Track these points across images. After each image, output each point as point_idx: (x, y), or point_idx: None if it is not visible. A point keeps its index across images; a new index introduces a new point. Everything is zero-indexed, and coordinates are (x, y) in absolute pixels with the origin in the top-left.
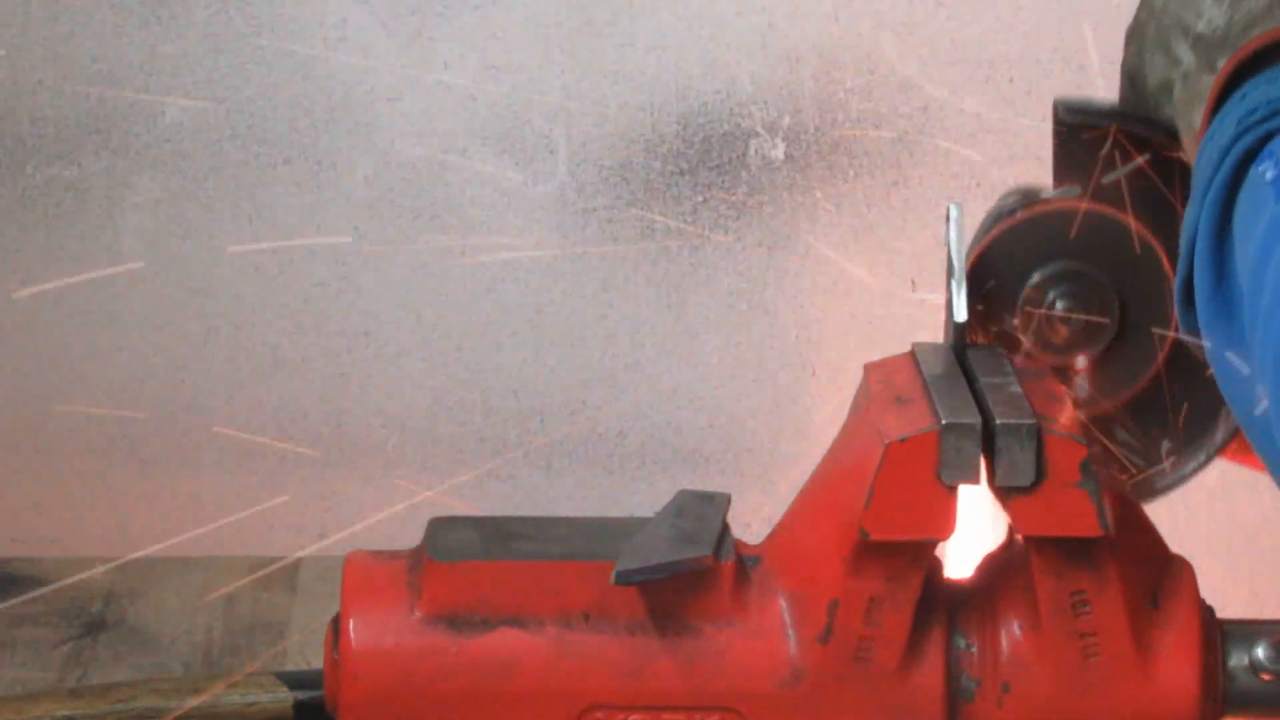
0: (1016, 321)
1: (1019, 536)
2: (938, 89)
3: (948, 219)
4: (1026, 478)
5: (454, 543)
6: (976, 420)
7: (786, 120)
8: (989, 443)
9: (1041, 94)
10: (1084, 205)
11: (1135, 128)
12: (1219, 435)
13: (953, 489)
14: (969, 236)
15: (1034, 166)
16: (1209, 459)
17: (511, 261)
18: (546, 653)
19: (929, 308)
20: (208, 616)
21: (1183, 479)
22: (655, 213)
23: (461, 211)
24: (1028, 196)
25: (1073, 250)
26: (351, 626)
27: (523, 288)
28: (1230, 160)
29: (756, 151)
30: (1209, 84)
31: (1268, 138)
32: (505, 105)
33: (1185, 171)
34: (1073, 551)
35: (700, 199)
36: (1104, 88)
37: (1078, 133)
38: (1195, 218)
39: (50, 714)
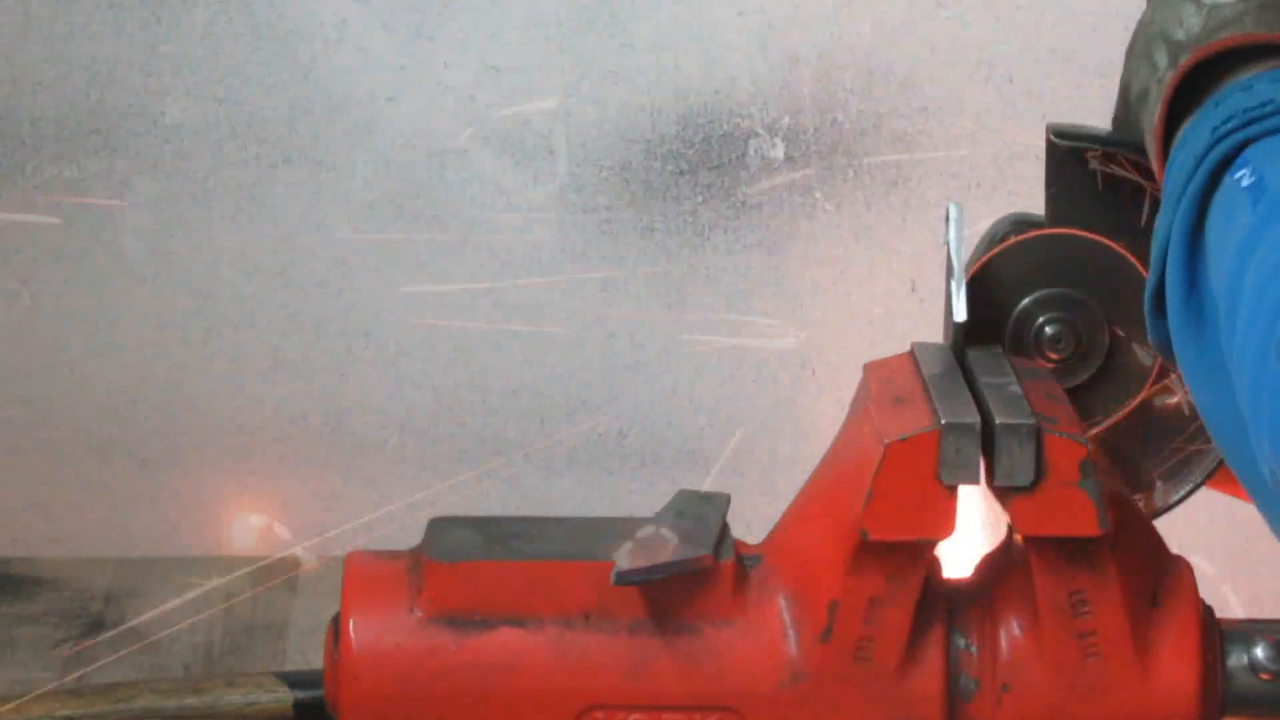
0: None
1: (1019, 536)
2: (938, 89)
3: (948, 219)
4: (1026, 477)
5: (454, 543)
6: (976, 420)
7: (786, 120)
8: (989, 443)
9: (1041, 94)
10: (1074, 231)
11: (1123, 152)
12: (1207, 462)
13: (952, 489)
14: (968, 250)
15: (1033, 166)
16: (1195, 488)
17: (512, 262)
18: (546, 653)
19: (929, 308)
20: (208, 616)
21: (1168, 508)
22: (655, 213)
23: (461, 211)
24: (1019, 224)
25: (1063, 276)
26: (351, 626)
27: (523, 288)
28: (1205, 167)
29: (756, 151)
30: (1169, 79)
31: (1243, 145)
32: (505, 105)
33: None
34: (1072, 551)
35: (700, 199)
36: (1103, 87)
37: (1069, 155)
38: (1168, 224)
39: (50, 714)
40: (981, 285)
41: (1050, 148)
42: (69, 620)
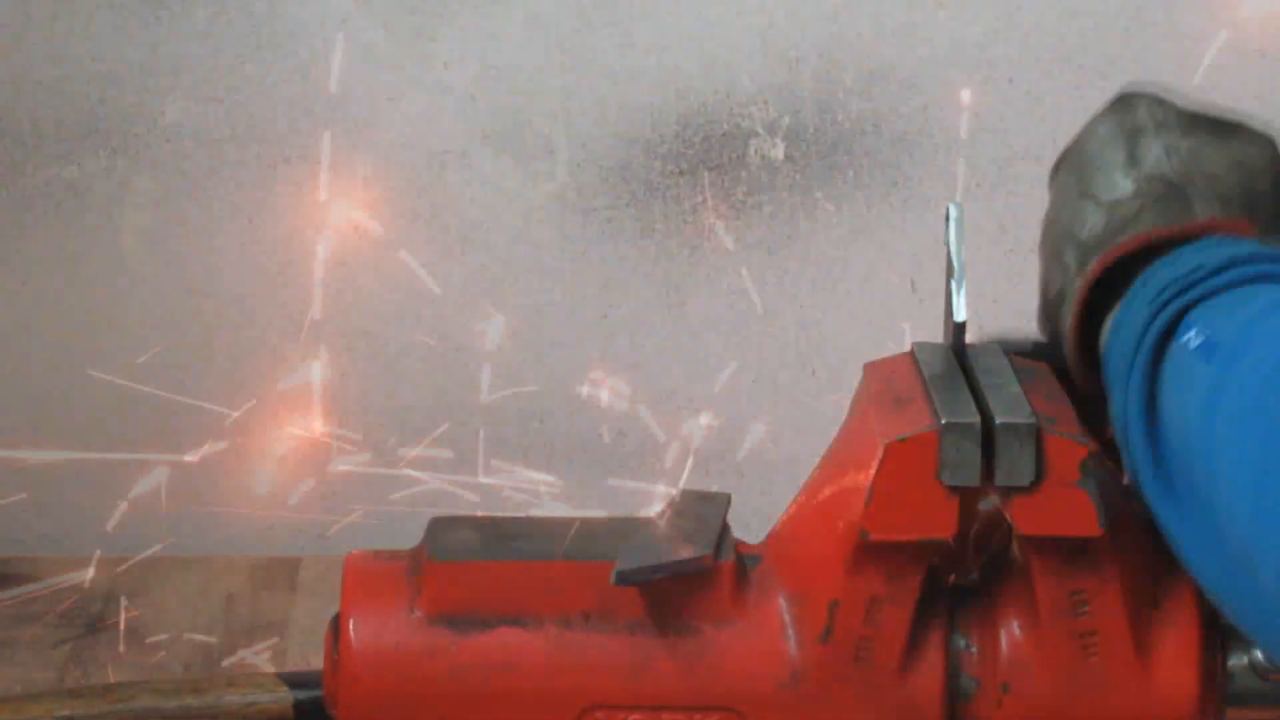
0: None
1: (1018, 536)
2: (938, 89)
3: (948, 219)
4: (1026, 477)
5: (454, 543)
6: (976, 420)
7: (786, 120)
8: (989, 443)
9: (1041, 94)
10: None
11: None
12: None
13: (953, 489)
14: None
15: (1033, 166)
16: None
17: (511, 261)
18: (546, 653)
19: (929, 308)
20: (208, 616)
21: None
22: (655, 213)
23: (461, 211)
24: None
25: None
26: (351, 626)
27: (523, 288)
28: (1149, 341)
29: (756, 151)
30: (1081, 284)
31: (1183, 312)
32: (505, 105)
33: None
34: (1072, 551)
35: (700, 199)
36: (1103, 88)
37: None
38: (1122, 406)
39: (50, 714)
40: None
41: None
42: (69, 620)
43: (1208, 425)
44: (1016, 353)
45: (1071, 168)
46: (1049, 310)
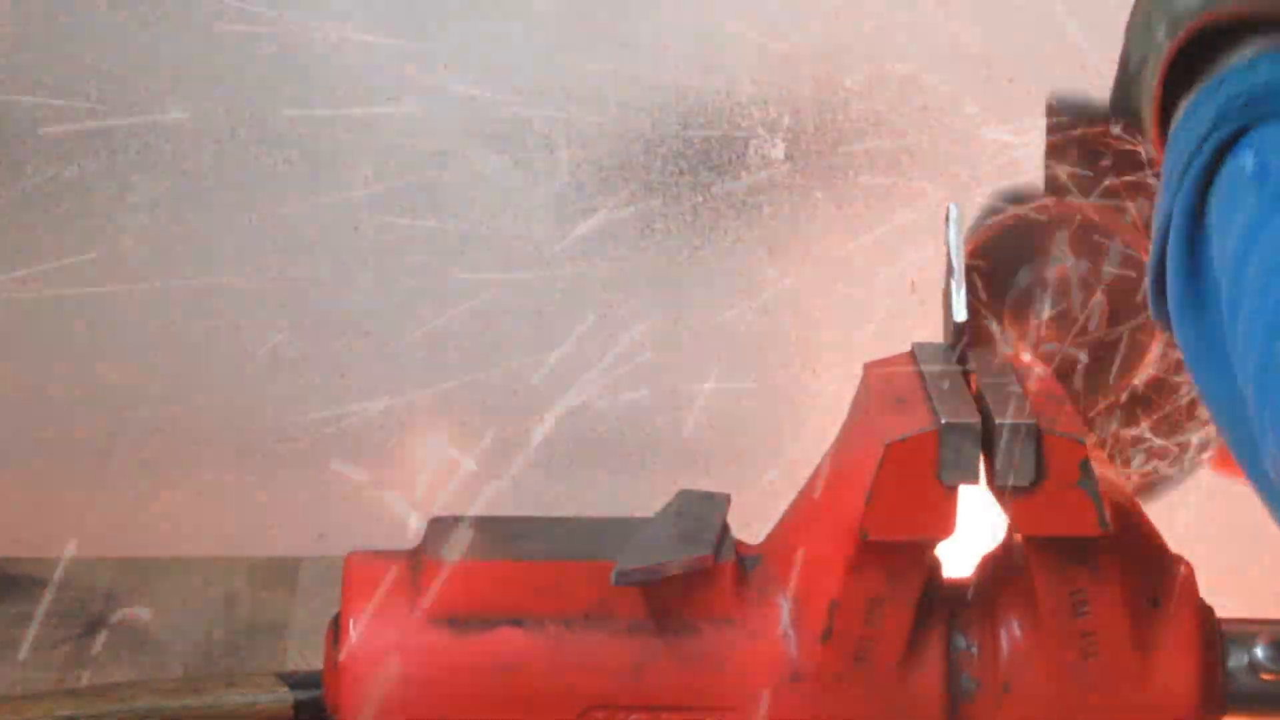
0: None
1: (1019, 536)
2: (938, 89)
3: (948, 219)
4: (1026, 478)
5: (454, 543)
6: (976, 420)
7: (786, 120)
8: (989, 443)
9: (1041, 94)
10: (1073, 205)
11: (1125, 125)
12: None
13: (953, 489)
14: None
15: (1033, 166)
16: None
17: (511, 261)
18: (546, 653)
19: (929, 308)
20: (208, 616)
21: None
22: (655, 213)
23: (461, 212)
24: (1017, 196)
25: (1059, 250)
26: (351, 626)
27: (523, 288)
28: (1206, 150)
29: (756, 151)
30: (1170, 45)
31: (1246, 128)
32: (505, 105)
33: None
34: (1072, 551)
35: (700, 199)
36: (1103, 88)
37: (1070, 128)
38: (1169, 206)
39: (50, 714)
40: (982, 257)
41: (1051, 116)
42: (69, 620)
43: (1243, 256)
44: (1092, 116)
45: None
46: (1127, 83)
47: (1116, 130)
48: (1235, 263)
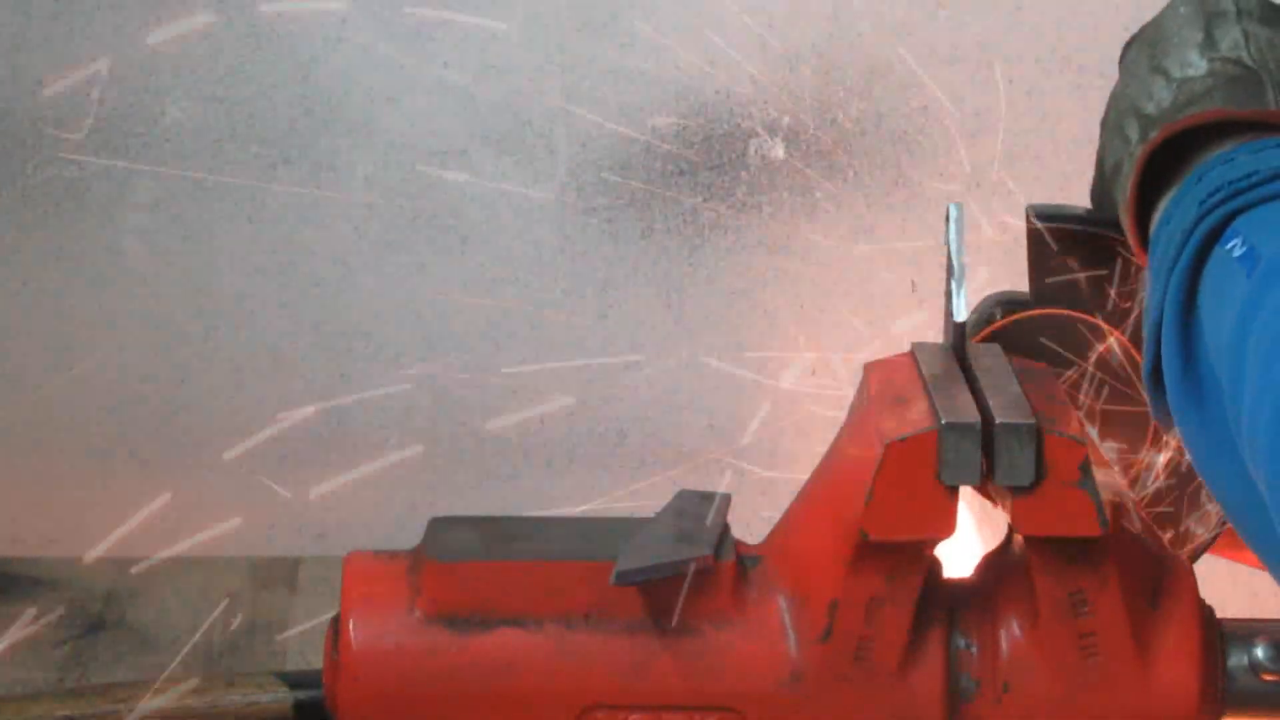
0: None
1: (1019, 536)
2: (938, 89)
3: (948, 219)
4: (1026, 478)
5: (454, 543)
6: (976, 420)
7: (786, 120)
8: (989, 443)
9: (1041, 94)
10: (1063, 311)
11: (1102, 230)
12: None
13: (953, 489)
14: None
15: (1033, 166)
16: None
17: (511, 261)
18: (546, 653)
19: (929, 308)
20: (208, 616)
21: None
22: (655, 213)
23: (461, 211)
24: (1007, 305)
25: (1054, 356)
26: (351, 626)
27: (523, 288)
28: (1194, 241)
29: (756, 151)
30: (1141, 151)
31: (1231, 217)
32: (505, 105)
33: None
34: (1072, 551)
35: (700, 199)
36: (1103, 88)
37: (1048, 236)
38: (1159, 301)
39: (50, 714)
40: None
41: (1031, 228)
42: (69, 620)
43: (1239, 340)
44: (1072, 220)
45: (1145, 44)
46: (1104, 185)
47: (1092, 230)
48: (1232, 350)
